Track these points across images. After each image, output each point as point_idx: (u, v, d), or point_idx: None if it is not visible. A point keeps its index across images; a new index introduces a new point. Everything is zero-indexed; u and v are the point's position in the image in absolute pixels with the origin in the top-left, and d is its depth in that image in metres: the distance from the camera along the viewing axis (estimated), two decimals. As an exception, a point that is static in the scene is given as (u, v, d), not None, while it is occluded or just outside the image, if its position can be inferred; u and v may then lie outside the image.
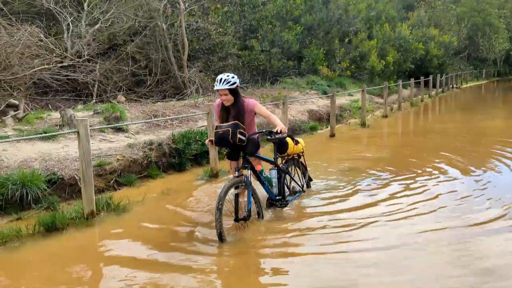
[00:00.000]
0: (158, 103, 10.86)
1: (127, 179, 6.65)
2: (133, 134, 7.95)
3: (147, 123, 8.47)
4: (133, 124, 8.15)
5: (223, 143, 4.54)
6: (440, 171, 7.07)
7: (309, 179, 6.06)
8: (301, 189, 5.72)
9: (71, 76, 11.54)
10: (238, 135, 4.43)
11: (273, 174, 5.14)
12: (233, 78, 4.67)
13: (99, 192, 5.95)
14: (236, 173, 4.63)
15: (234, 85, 4.67)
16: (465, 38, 40.23)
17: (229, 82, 4.64)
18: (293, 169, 5.67)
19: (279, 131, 4.66)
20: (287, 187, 5.47)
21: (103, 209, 5.38)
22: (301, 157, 5.79)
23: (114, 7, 13.28)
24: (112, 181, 6.51)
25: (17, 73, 9.58)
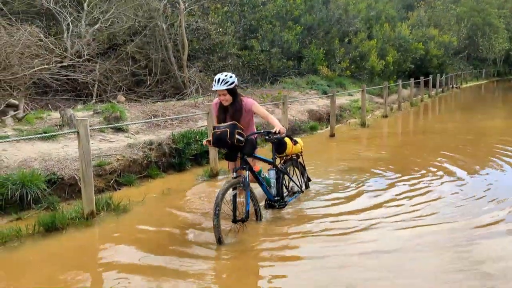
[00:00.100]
0: (158, 103, 10.86)
1: (127, 179, 6.66)
2: (133, 134, 7.96)
3: (147, 123, 8.48)
4: (133, 124, 8.15)
5: (221, 143, 4.45)
6: (441, 171, 7.04)
7: (308, 179, 6.01)
8: (300, 190, 5.70)
9: (71, 76, 11.54)
10: (236, 136, 4.36)
11: (271, 175, 5.09)
12: (231, 77, 4.63)
13: (99, 192, 5.95)
14: (234, 174, 4.56)
15: (232, 84, 4.64)
16: (465, 38, 40.18)
17: (227, 82, 4.61)
18: (291, 169, 5.61)
19: (277, 131, 4.62)
20: (285, 187, 5.42)
21: (103, 209, 5.38)
22: (299, 157, 5.73)
23: (114, 7, 13.27)
24: (112, 181, 6.51)
25: (17, 73, 9.58)
